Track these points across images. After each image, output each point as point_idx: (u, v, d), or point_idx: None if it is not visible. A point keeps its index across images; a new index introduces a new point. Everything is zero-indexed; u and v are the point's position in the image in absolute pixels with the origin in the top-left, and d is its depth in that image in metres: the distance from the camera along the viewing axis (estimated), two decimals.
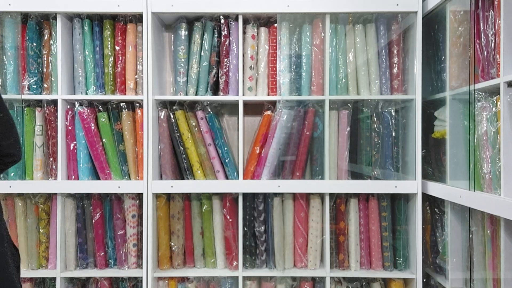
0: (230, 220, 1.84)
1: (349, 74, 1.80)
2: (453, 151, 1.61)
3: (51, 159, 1.79)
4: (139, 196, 1.83)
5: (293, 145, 1.81)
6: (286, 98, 1.79)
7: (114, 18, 1.83)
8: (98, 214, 1.83)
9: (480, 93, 1.42)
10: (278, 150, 1.80)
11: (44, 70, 1.80)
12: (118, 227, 1.84)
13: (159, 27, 1.88)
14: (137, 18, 1.82)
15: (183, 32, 1.82)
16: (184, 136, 1.81)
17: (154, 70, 1.79)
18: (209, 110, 1.84)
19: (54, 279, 1.81)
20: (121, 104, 1.81)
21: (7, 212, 1.83)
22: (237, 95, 1.80)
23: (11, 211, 1.83)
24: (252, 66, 1.82)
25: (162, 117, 1.82)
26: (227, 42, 1.81)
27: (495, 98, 1.35)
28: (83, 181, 1.78)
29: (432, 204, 1.81)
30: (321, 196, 1.83)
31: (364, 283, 1.85)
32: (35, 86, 1.78)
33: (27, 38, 1.77)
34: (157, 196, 1.83)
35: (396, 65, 1.80)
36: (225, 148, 1.82)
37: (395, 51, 1.80)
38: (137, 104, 1.82)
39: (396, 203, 1.84)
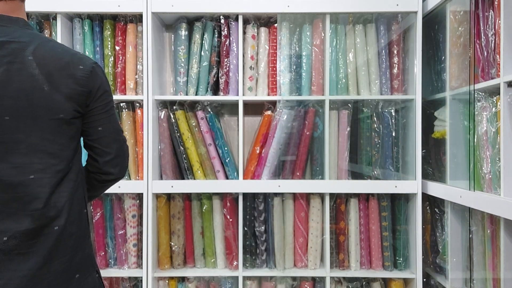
0: (230, 220, 1.84)
1: (349, 74, 1.80)
2: (453, 151, 1.61)
3: None
4: (139, 196, 1.83)
5: (293, 145, 1.81)
6: (286, 98, 1.79)
7: (114, 18, 1.83)
8: (98, 214, 1.83)
9: (480, 93, 1.43)
10: (278, 150, 1.80)
11: None
12: (118, 227, 1.84)
13: (159, 27, 1.88)
14: (137, 18, 1.82)
15: (183, 32, 1.82)
16: (184, 136, 1.81)
17: (154, 70, 1.79)
18: (209, 110, 1.84)
19: None
20: (121, 104, 1.81)
21: None
22: (237, 95, 1.80)
23: None
24: (252, 66, 1.82)
25: (162, 117, 1.82)
26: (227, 42, 1.81)
27: (495, 98, 1.35)
28: None
29: (432, 204, 1.81)
30: (321, 196, 1.83)
31: (364, 283, 1.85)
32: None
33: None
34: (157, 196, 1.83)
35: (396, 65, 1.80)
36: (225, 148, 1.82)
37: (395, 51, 1.80)
38: (137, 104, 1.82)
39: (396, 203, 1.85)
